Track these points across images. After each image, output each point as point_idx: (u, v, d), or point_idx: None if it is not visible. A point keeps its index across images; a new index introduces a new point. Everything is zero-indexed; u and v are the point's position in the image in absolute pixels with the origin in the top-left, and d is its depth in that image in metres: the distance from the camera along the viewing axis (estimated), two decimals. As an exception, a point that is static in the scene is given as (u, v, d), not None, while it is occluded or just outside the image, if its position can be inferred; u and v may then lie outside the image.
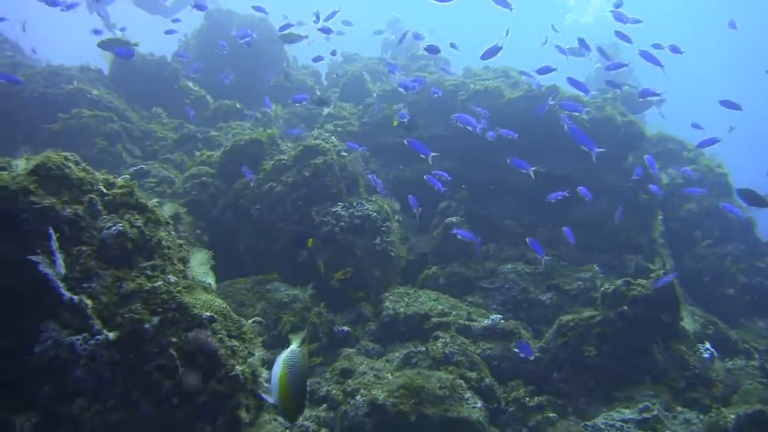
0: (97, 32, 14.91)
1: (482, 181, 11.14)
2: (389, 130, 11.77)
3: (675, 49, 10.93)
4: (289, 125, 14.27)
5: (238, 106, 13.97)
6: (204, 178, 9.24)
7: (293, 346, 3.46)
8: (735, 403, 6.71)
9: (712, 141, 10.27)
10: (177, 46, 17.42)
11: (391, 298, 8.40)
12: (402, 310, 8.10)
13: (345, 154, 9.22)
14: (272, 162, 8.98)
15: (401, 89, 11.30)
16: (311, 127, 13.30)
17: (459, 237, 9.27)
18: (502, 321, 7.95)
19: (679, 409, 6.54)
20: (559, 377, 7.26)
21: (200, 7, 13.37)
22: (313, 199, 8.58)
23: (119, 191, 4.31)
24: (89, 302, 3.75)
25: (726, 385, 7.05)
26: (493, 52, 9.59)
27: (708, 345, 7.50)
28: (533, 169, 9.02)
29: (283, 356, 3.40)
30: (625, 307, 7.16)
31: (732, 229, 11.61)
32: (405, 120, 10.64)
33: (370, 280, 8.47)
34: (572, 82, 10.23)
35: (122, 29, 16.26)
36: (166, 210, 4.60)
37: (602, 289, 7.79)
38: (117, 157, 11.23)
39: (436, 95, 11.43)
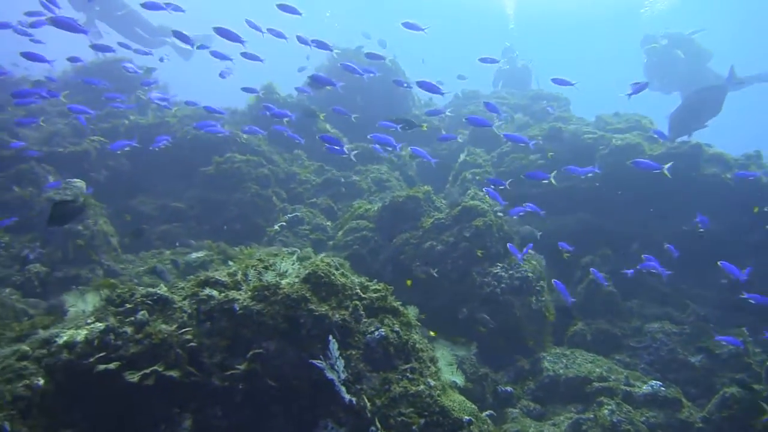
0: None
1: (622, 234, 11.31)
2: (530, 181, 11.61)
3: None
4: (420, 167, 14.74)
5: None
6: (364, 233, 9.77)
7: None
8: None
9: None
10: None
11: (548, 358, 8.68)
12: (562, 371, 8.39)
13: (501, 214, 9.59)
14: (431, 220, 9.44)
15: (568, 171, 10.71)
16: (446, 173, 13.65)
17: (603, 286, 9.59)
18: (663, 388, 8.13)
19: None
20: (725, 451, 7.40)
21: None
22: (473, 259, 8.99)
23: (374, 295, 4.80)
24: (368, 404, 4.24)
25: None
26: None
27: None
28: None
29: None
30: (796, 387, 7.27)
31: None
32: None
33: (527, 339, 8.80)
34: None
35: None
36: (411, 312, 5.05)
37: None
38: (267, 200, 11.93)
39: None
